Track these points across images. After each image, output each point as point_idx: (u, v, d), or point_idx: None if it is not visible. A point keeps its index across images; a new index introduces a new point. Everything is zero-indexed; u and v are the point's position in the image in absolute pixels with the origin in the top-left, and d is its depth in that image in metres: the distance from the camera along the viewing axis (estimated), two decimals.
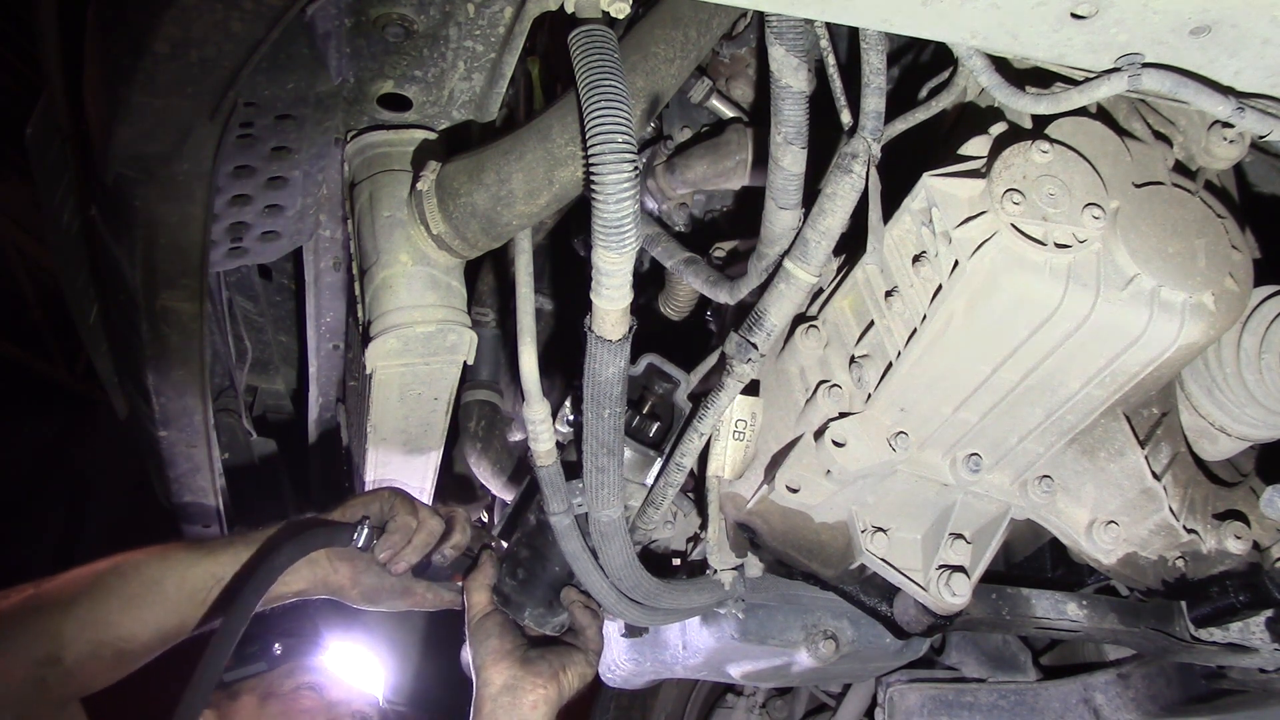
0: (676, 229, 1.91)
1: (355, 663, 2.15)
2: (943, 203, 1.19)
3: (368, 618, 2.46)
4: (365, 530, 1.51)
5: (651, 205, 1.88)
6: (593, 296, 1.26)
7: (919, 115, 1.31)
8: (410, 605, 1.68)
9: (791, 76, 1.24)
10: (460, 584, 1.68)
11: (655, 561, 1.74)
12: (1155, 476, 1.43)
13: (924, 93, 1.35)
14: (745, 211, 1.87)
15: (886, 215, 1.29)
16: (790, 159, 1.29)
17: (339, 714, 1.99)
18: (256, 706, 1.95)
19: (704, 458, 1.57)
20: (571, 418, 1.61)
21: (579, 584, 1.62)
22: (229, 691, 1.98)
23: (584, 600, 1.65)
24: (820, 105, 1.32)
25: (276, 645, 2.03)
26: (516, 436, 2.36)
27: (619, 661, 2.10)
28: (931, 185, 1.21)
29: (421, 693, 4.41)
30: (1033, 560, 1.94)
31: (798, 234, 1.34)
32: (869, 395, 1.36)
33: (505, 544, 1.73)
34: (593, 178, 1.14)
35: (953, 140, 1.28)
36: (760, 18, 1.56)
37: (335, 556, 1.56)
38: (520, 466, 2.32)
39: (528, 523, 1.68)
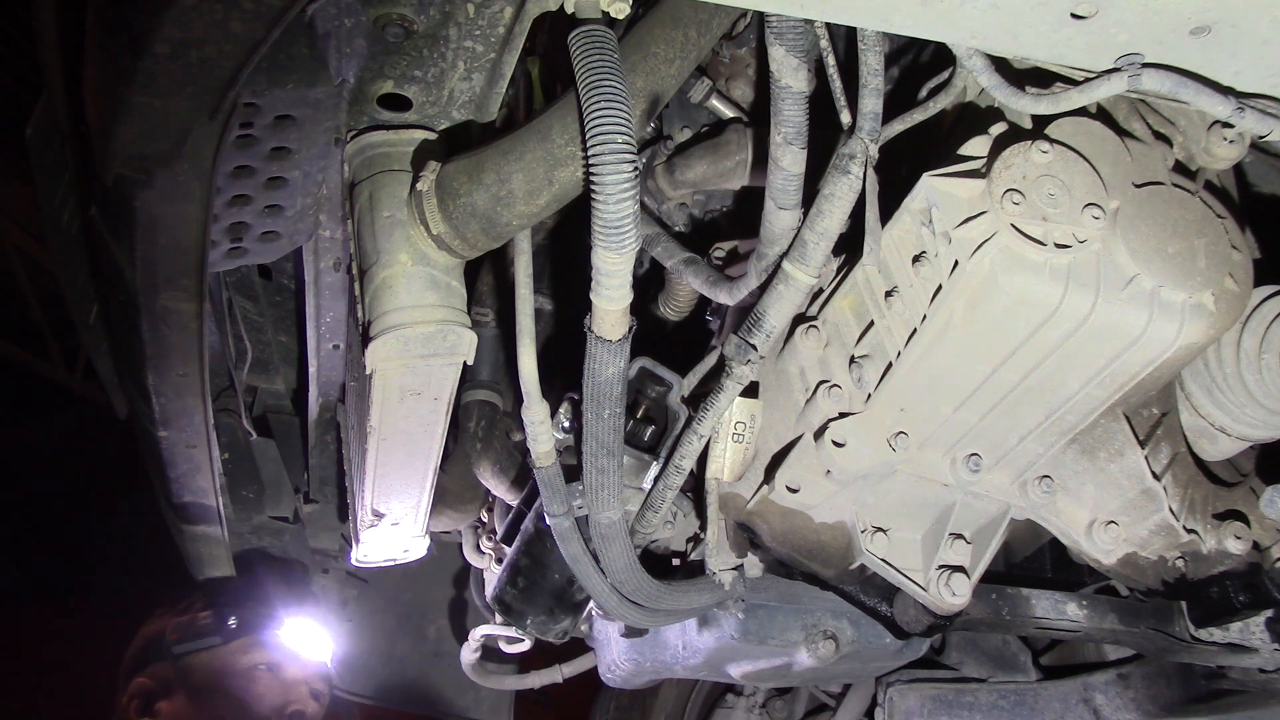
0: (676, 229, 1.91)
1: (308, 638, 2.11)
2: (943, 203, 1.19)
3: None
4: None
5: (651, 205, 1.88)
6: (593, 297, 1.27)
7: (917, 116, 1.31)
8: None
9: (791, 77, 1.24)
10: None
11: (655, 562, 1.74)
12: (1155, 476, 1.43)
13: (923, 93, 1.35)
14: (745, 211, 1.87)
15: (887, 216, 1.29)
16: (790, 159, 1.29)
17: (296, 695, 1.95)
18: (210, 685, 1.90)
19: (703, 459, 1.57)
20: (570, 419, 1.61)
21: (580, 588, 1.62)
22: (179, 666, 1.92)
23: None
24: (820, 105, 1.32)
25: (232, 619, 1.98)
26: (519, 436, 2.36)
27: (619, 661, 2.10)
28: (931, 185, 1.21)
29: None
30: (1033, 560, 1.94)
31: (796, 235, 1.34)
32: (869, 395, 1.36)
33: (507, 549, 1.73)
34: (593, 178, 1.14)
35: (953, 140, 1.28)
36: (760, 18, 1.56)
37: None
38: (522, 466, 2.32)
39: (526, 531, 1.68)
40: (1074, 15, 1.03)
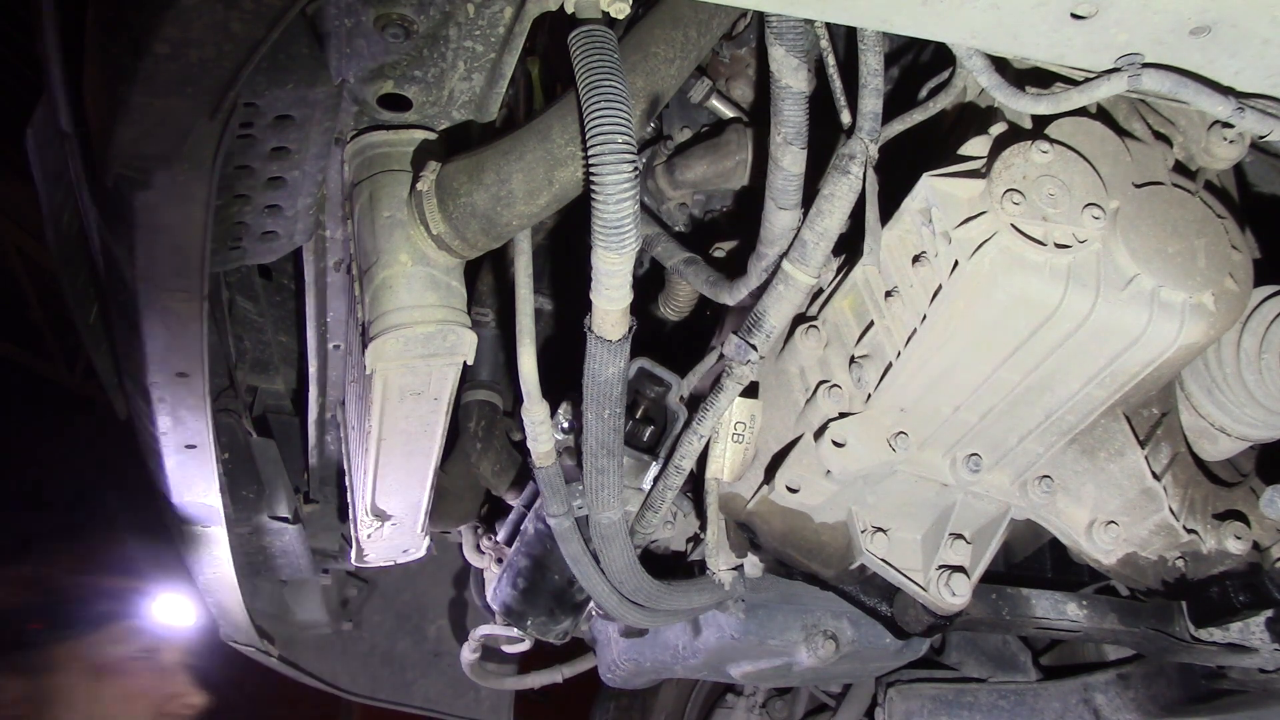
0: (676, 229, 1.91)
1: (180, 612, 2.00)
2: (943, 203, 1.19)
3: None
4: None
5: (651, 205, 1.88)
6: (593, 297, 1.27)
7: (916, 116, 1.31)
8: None
9: (791, 77, 1.24)
10: None
11: (655, 562, 1.74)
12: (1155, 476, 1.43)
13: (923, 93, 1.35)
14: (745, 211, 1.87)
15: (887, 216, 1.29)
16: (790, 159, 1.29)
17: (177, 684, 1.85)
18: (88, 687, 1.78)
19: (703, 459, 1.57)
20: (570, 419, 1.62)
21: (580, 588, 1.62)
22: (41, 658, 1.78)
23: None
24: (820, 105, 1.32)
25: (97, 604, 1.84)
26: (519, 436, 2.36)
27: (619, 661, 2.10)
28: (931, 185, 1.21)
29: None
30: (1033, 560, 1.94)
31: (796, 235, 1.34)
32: (869, 395, 1.36)
33: (508, 550, 1.73)
34: (593, 178, 1.14)
35: (953, 140, 1.28)
36: (760, 18, 1.56)
37: None
38: (522, 466, 2.32)
39: (525, 532, 1.68)
40: (1074, 15, 1.03)
